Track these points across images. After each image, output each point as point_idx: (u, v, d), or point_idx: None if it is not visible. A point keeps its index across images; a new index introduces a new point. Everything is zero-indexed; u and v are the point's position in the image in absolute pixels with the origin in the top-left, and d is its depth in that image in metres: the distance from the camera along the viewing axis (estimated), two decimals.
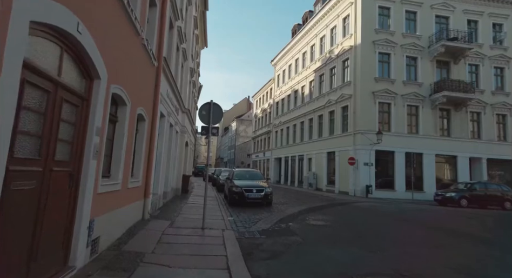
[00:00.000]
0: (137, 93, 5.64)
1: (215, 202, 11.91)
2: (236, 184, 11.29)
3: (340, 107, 21.53)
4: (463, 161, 19.95)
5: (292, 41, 30.60)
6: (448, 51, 19.73)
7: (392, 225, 8.48)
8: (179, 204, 10.23)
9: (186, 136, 14.34)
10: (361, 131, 19.01)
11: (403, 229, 8.05)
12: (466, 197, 15.12)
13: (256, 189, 10.97)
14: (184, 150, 14.10)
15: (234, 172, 12.91)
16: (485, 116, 20.69)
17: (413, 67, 20.45)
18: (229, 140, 62.98)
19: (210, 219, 7.82)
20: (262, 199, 10.88)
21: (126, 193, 5.41)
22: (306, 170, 25.81)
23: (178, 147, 12.90)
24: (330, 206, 12.07)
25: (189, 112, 13.99)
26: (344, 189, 20.05)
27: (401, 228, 8.10)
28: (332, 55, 22.94)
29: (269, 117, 37.56)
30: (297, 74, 29.67)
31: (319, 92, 24.86)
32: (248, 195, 10.78)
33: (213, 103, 6.93)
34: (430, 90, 20.04)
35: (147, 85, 6.50)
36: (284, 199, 14.44)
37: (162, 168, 9.23)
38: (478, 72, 21.01)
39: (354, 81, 20.09)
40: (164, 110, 8.85)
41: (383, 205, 13.91)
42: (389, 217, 9.90)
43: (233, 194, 11.06)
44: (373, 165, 18.93)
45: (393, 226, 8.31)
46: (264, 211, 9.93)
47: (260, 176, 12.93)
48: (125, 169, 5.11)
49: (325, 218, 8.87)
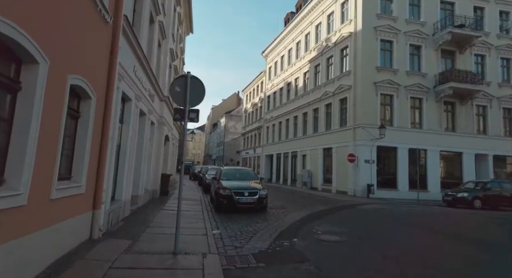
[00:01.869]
0: (68, 51, 3.62)
1: (198, 206, 9.94)
2: (224, 185, 9.36)
3: (338, 99, 19.83)
4: (468, 158, 18.62)
5: (285, 30, 28.70)
6: (454, 39, 18.27)
7: (424, 240, 6.74)
8: (152, 212, 8.22)
9: (165, 128, 12.27)
10: (362, 125, 17.37)
11: (446, 246, 6.31)
12: (480, 198, 13.68)
13: (249, 191, 9.08)
14: (163, 146, 12.04)
15: (221, 171, 10.97)
16: (491, 110, 19.42)
17: (417, 56, 18.92)
18: (218, 137, 60.81)
19: (189, 233, 5.90)
20: (255, 204, 9.00)
21: (48, 208, 3.41)
22: (300, 167, 24.10)
23: (155, 141, 10.84)
24: (334, 211, 10.30)
25: (169, 100, 11.92)
26: (342, 188, 18.42)
27: (440, 245, 6.37)
28: (330, 44, 21.19)
29: (260, 111, 35.67)
30: (290, 66, 27.83)
31: (314, 84, 23.11)
32: (239, 199, 8.88)
33: (191, 76, 4.96)
34: (434, 81, 18.57)
35: (92, 47, 4.47)
36: (279, 201, 12.62)
37: (129, 167, 7.19)
38: (484, 62, 19.69)
39: (353, 71, 18.40)
40: (130, 90, 6.81)
41: (390, 207, 12.28)
42: (409, 225, 8.20)
43: (220, 198, 9.12)
44: (374, 163, 17.34)
45: (427, 241, 6.57)
46: (259, 219, 8.06)
47: (252, 175, 11.02)
48: (39, 169, 3.10)
49: (336, 229, 7.07)
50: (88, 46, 4.30)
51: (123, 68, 5.93)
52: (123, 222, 6.61)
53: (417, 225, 8.12)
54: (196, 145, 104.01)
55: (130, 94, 6.86)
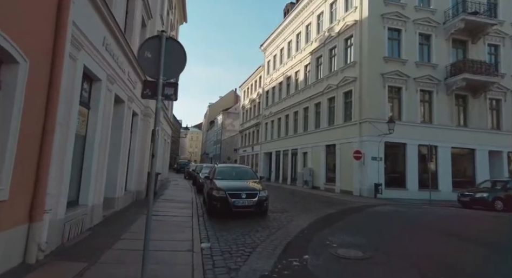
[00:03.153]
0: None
1: (188, 209, 8.60)
2: (218, 186, 8.01)
3: (342, 92, 18.52)
4: (482, 155, 17.41)
5: (285, 21, 27.32)
6: (467, 27, 17.00)
7: (471, 255, 5.44)
8: (131, 218, 6.86)
9: (152, 121, 10.87)
10: (369, 120, 16.07)
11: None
12: (501, 198, 12.43)
13: (246, 192, 7.73)
14: (150, 141, 10.66)
15: (215, 169, 9.61)
16: (505, 104, 18.20)
17: (426, 46, 17.64)
18: (215, 135, 59.41)
19: (170, 249, 4.58)
20: (254, 207, 7.67)
21: None
22: (300, 165, 22.79)
23: (139, 135, 9.47)
24: (344, 215, 9.00)
25: None
26: (347, 188, 17.14)
27: (498, 262, 5.07)
28: (333, 34, 19.85)
29: (258, 107, 34.31)
30: (290, 59, 26.48)
31: (316, 77, 21.78)
32: (235, 202, 7.53)
33: (166, 37, 3.60)
34: (445, 73, 17.31)
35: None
36: (280, 203, 11.29)
37: (100, 164, 5.82)
38: (498, 53, 18.45)
39: (359, 62, 17.09)
40: (98, 68, 5.43)
41: (404, 209, 10.98)
42: (440, 234, 6.89)
43: (213, 201, 7.78)
44: (382, 160, 16.06)
45: (476, 258, 5.27)
46: (259, 227, 6.73)
47: (250, 173, 9.67)
48: None
49: (353, 240, 5.75)
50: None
51: (84, 35, 4.55)
52: (89, 232, 5.25)
53: (449, 234, 6.81)
54: (193, 143, 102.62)
55: (98, 73, 5.48)
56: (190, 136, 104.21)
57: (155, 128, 3.62)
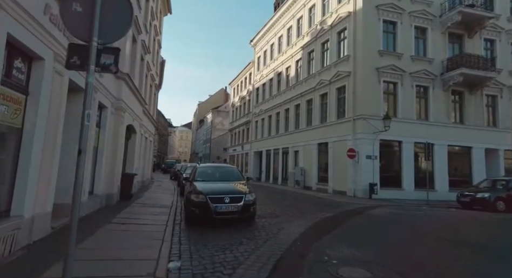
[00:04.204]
0: None
1: (165, 216, 7.50)
2: (198, 189, 6.94)
3: (335, 88, 17.67)
4: (478, 153, 16.83)
5: (275, 16, 26.33)
6: (464, 20, 16.37)
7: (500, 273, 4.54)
8: (89, 228, 5.71)
9: (127, 116, 9.72)
10: (363, 116, 15.25)
11: None
12: (503, 198, 11.76)
13: (230, 196, 6.69)
14: (123, 138, 9.50)
15: (196, 170, 8.52)
16: (502, 100, 17.70)
17: (422, 40, 16.94)
18: (205, 134, 58.07)
19: (123, 275, 3.49)
20: (239, 213, 6.63)
21: None
22: (292, 165, 21.88)
23: (108, 131, 8.30)
24: (341, 220, 8.07)
25: (131, 81, 9.38)
26: (340, 188, 16.30)
27: None
28: (325, 27, 18.98)
29: (248, 105, 33.27)
30: (280, 54, 25.52)
31: (308, 73, 20.88)
32: (217, 208, 6.48)
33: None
34: (442, 68, 16.66)
35: None
36: (270, 206, 10.30)
37: (42, 162, 4.67)
38: (494, 48, 17.92)
39: (353, 56, 16.25)
40: (40, 45, 4.30)
41: (404, 212, 10.15)
42: (455, 245, 6.01)
43: (191, 207, 6.70)
44: (377, 159, 15.27)
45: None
46: (244, 237, 5.71)
47: (236, 174, 8.61)
48: None
49: (356, 253, 4.79)
50: None
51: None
52: (23, 251, 4.11)
53: (463, 244, 5.93)
54: (183, 143, 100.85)
55: (40, 50, 4.34)
56: (180, 135, 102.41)
57: (85, 113, 2.53)
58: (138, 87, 12.22)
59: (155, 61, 17.32)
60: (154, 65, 17.10)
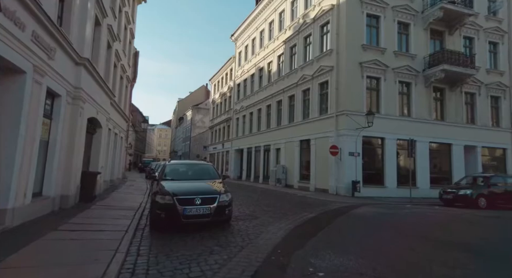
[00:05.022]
0: None
1: (128, 220, 6.54)
2: (164, 189, 6.05)
3: (317, 83, 17.15)
4: (458, 150, 16.89)
5: (257, 9, 25.52)
6: (445, 17, 16.31)
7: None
8: (22, 239, 4.68)
9: (87, 107, 8.61)
10: (346, 112, 14.81)
11: None
12: (485, 195, 11.65)
13: (202, 197, 5.85)
14: (83, 132, 8.39)
15: (165, 167, 7.59)
16: (480, 98, 17.88)
17: (405, 35, 16.74)
18: (184, 132, 56.42)
19: None
20: (212, 216, 5.80)
21: None
22: (273, 163, 21.24)
23: (62, 123, 7.19)
24: (324, 220, 7.44)
25: (90, 64, 8.28)
26: (322, 186, 15.82)
27: None
28: (308, 20, 18.42)
29: (229, 102, 32.32)
30: (262, 49, 24.77)
31: (290, 68, 20.28)
32: (186, 210, 5.63)
33: None
34: (424, 64, 16.53)
35: None
36: (249, 206, 9.53)
37: None
38: (473, 46, 18.07)
39: (336, 50, 15.77)
40: None
41: (391, 211, 9.69)
42: (451, 247, 5.49)
43: (156, 210, 5.80)
44: (360, 156, 14.89)
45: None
46: (216, 245, 4.89)
47: (211, 172, 7.73)
48: None
49: (345, 261, 4.13)
50: None
51: None
52: None
53: (459, 246, 5.43)
54: (162, 141, 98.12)
55: None
56: (159, 133, 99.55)
57: None
58: (104, 77, 11.06)
59: (127, 51, 16.04)
60: (126, 56, 15.82)
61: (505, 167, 18.04)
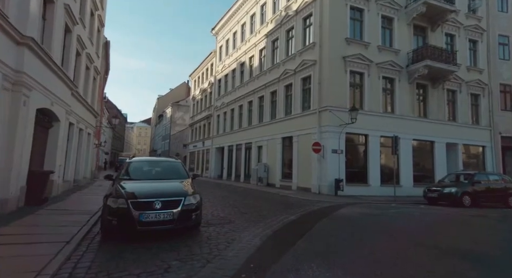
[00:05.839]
0: None
1: (76, 227, 5.49)
2: (118, 191, 5.10)
3: (300, 78, 16.51)
4: (440, 148, 16.76)
5: (238, 2, 24.59)
6: (428, 12, 16.10)
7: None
8: None
9: (34, 95, 7.42)
10: (329, 108, 14.23)
11: None
12: (469, 193, 11.38)
13: (163, 200, 4.92)
14: (26, 124, 7.21)
15: (127, 165, 6.58)
16: (460, 95, 17.86)
17: (389, 30, 16.39)
18: (164, 129, 54.57)
19: None
20: (176, 223, 4.89)
21: None
22: (255, 161, 20.45)
23: (3, 114, 6.03)
24: (306, 223, 6.70)
25: (37, 46, 7.11)
26: (305, 185, 15.21)
27: None
28: (290, 13, 17.73)
29: (210, 98, 31.21)
30: (243, 43, 23.89)
31: (272, 62, 19.53)
32: (142, 216, 4.69)
33: None
34: (407, 60, 16.25)
35: None
36: (226, 208, 8.65)
37: None
38: (454, 43, 18.02)
39: (319, 43, 15.16)
40: None
41: (378, 211, 9.12)
42: (452, 254, 4.87)
43: (107, 216, 4.82)
44: (343, 153, 14.37)
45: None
46: (175, 259, 3.99)
47: (179, 171, 6.74)
48: None
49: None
50: None
51: None
52: None
53: (464, 256, 4.82)
54: (142, 139, 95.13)
55: None
56: (138, 132, 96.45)
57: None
58: (63, 64, 9.82)
59: (94, 40, 14.67)
60: (93, 44, 14.45)
61: (484, 165, 18.16)
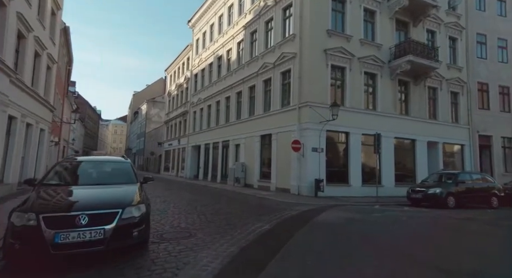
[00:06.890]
0: None
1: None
2: (35, 200, 3.81)
3: (279, 72, 15.55)
4: (421, 146, 16.39)
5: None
6: (410, 7, 15.63)
7: None
8: None
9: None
10: (309, 104, 13.37)
11: None
12: (454, 194, 10.86)
13: (91, 214, 3.70)
14: None
15: (56, 165, 5.25)
16: (441, 93, 17.61)
17: (371, 24, 15.77)
18: (139, 127, 52.12)
19: None
20: (108, 243, 3.68)
21: None
22: (232, 160, 19.32)
23: None
24: (284, 235, 5.67)
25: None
26: (284, 185, 14.30)
27: None
28: (269, 3, 16.72)
29: (186, 94, 29.68)
30: (221, 35, 22.64)
31: (250, 55, 18.46)
32: (58, 237, 3.45)
33: None
34: (389, 55, 15.70)
35: None
36: (188, 217, 7.43)
37: None
38: (435, 40, 17.73)
39: (299, 35, 14.27)
40: None
41: (361, 216, 8.29)
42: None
43: (10, 239, 3.53)
44: (323, 152, 13.56)
45: None
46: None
47: (126, 173, 5.38)
48: None
49: None
50: None
51: None
52: None
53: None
54: (117, 137, 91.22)
55: None
56: (114, 129, 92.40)
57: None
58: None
59: (47, 23, 12.92)
60: (45, 28, 12.71)
61: (462, 164, 18.05)
